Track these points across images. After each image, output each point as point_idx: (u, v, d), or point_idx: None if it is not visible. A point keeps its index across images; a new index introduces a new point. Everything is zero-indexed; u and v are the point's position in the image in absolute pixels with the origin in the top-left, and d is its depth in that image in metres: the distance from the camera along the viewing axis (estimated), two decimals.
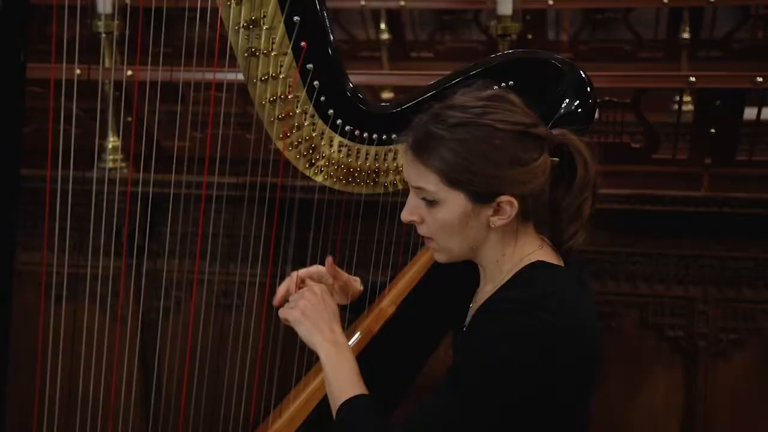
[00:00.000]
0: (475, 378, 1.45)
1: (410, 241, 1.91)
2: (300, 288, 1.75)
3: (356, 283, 1.88)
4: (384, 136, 1.78)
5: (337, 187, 1.83)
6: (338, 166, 1.81)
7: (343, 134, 1.78)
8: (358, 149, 1.79)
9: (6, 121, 1.54)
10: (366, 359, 1.66)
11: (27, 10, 1.52)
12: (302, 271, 1.79)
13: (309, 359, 1.88)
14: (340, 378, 1.60)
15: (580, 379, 1.52)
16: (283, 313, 1.69)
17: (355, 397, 1.57)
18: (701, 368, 2.57)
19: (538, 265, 1.52)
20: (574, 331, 1.48)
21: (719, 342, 2.57)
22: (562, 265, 1.56)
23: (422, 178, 1.49)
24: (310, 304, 1.67)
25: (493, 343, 1.45)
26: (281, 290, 1.77)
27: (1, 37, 1.50)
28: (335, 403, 1.59)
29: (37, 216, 1.77)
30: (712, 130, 2.62)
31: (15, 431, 1.67)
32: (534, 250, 1.54)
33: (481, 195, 1.48)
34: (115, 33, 2.50)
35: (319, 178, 1.82)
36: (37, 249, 2.30)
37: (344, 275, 1.86)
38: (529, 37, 4.22)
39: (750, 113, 2.71)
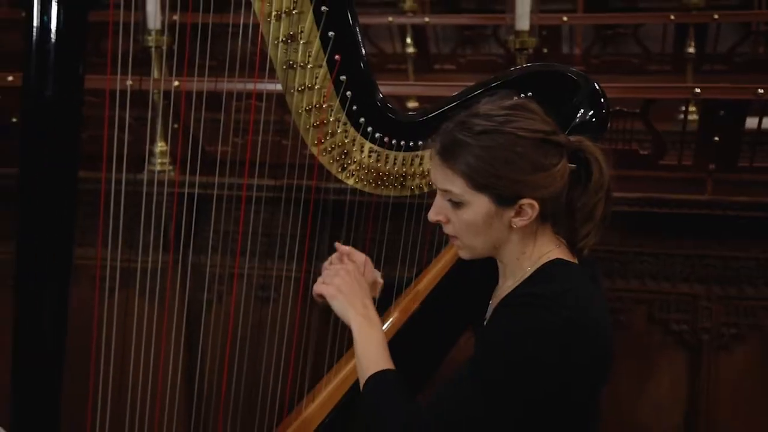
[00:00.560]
0: (498, 372, 1.43)
1: (434, 240, 1.91)
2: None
3: (377, 275, 1.86)
4: (411, 143, 1.79)
5: (367, 189, 1.84)
6: (368, 171, 1.81)
7: (373, 141, 1.78)
8: (387, 155, 1.80)
9: (66, 128, 1.56)
10: (392, 350, 1.66)
11: (85, 27, 1.54)
12: (344, 248, 1.79)
13: (340, 348, 1.88)
14: (370, 351, 1.59)
15: (593, 374, 1.50)
16: (318, 288, 1.69)
17: (383, 371, 1.56)
18: (704, 360, 2.55)
19: (557, 263, 1.52)
20: (589, 328, 1.46)
21: (722, 336, 2.55)
22: (577, 263, 1.55)
23: (449, 182, 1.49)
24: (344, 282, 1.67)
25: (515, 338, 1.43)
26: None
27: (63, 52, 1.51)
28: (363, 375, 1.57)
29: (93, 215, 1.78)
30: (716, 139, 2.60)
31: (71, 410, 1.69)
32: (552, 249, 1.54)
33: (504, 198, 1.47)
34: (164, 47, 2.52)
35: (350, 182, 1.83)
36: (91, 245, 2.30)
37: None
38: (545, 51, 4.20)
39: (751, 123, 2.68)
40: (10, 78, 2.58)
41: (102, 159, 1.74)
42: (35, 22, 1.50)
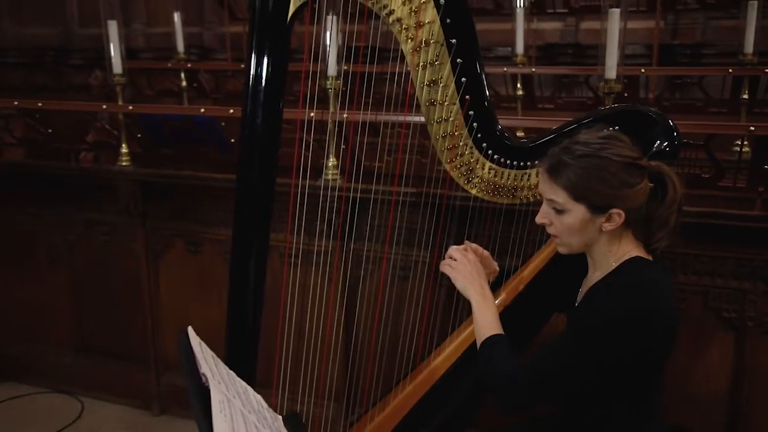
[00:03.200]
0: (588, 339, 1.40)
1: (537, 238, 1.86)
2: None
3: (495, 264, 1.84)
4: (521, 163, 1.75)
5: (486, 198, 1.80)
6: (488, 183, 1.78)
7: (492, 161, 1.75)
8: (502, 172, 1.76)
9: (268, 147, 1.61)
10: (502, 320, 1.62)
11: (285, 75, 1.58)
12: (472, 245, 1.75)
13: (461, 316, 1.86)
14: (485, 321, 1.57)
15: (664, 343, 1.44)
16: (445, 269, 1.66)
17: (495, 335, 1.55)
18: (749, 341, 2.38)
19: (635, 260, 1.46)
20: (662, 310, 1.41)
21: (764, 323, 2.38)
22: (652, 260, 1.48)
23: (554, 193, 1.45)
24: (466, 269, 1.64)
25: (604, 315, 1.39)
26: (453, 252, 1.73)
27: (269, 93, 1.56)
28: (480, 338, 1.56)
29: (283, 210, 1.83)
30: (766, 167, 2.44)
31: (264, 356, 1.74)
32: (632, 249, 1.48)
33: (598, 207, 1.43)
34: (339, 89, 2.55)
35: (473, 191, 1.80)
36: (281, 231, 2.39)
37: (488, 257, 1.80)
38: (626, 95, 4.02)
39: None
40: (231, 111, 2.69)
41: (292, 169, 1.78)
42: (251, 72, 1.56)
